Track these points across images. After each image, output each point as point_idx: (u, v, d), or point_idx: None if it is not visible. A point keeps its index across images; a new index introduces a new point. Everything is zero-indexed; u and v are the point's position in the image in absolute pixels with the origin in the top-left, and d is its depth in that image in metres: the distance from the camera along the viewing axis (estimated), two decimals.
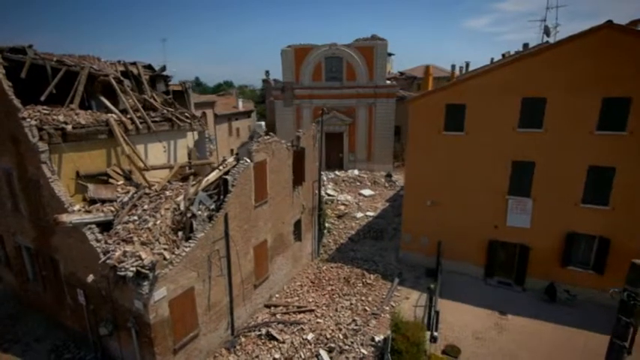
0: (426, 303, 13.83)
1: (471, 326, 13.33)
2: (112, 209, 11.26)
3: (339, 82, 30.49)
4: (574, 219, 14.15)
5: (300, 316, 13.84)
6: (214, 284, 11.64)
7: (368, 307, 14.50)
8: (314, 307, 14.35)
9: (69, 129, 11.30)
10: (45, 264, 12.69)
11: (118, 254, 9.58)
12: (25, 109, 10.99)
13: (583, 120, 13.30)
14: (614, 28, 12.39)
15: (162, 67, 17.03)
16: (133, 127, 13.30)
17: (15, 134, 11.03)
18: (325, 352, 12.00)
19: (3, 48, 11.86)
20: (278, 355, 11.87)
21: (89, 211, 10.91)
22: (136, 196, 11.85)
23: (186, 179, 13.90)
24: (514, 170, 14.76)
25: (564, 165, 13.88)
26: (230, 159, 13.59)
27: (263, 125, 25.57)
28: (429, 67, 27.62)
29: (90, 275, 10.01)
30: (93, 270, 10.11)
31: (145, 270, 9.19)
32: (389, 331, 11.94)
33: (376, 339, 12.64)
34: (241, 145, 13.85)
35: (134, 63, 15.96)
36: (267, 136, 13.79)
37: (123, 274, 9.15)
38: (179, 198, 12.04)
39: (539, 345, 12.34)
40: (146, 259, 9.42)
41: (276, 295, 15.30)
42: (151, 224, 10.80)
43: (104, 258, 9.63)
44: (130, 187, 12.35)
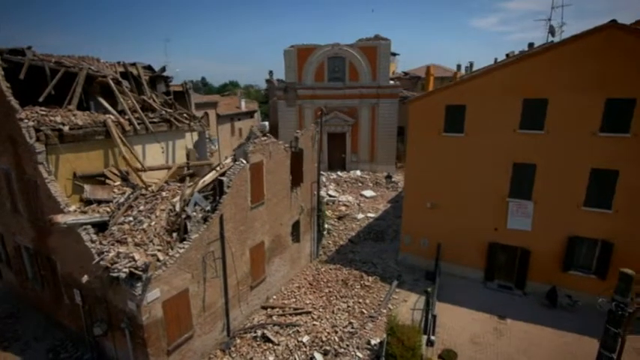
0: (424, 306, 13.68)
1: (469, 330, 13.15)
2: (108, 210, 11.31)
3: (341, 83, 30.37)
4: (576, 222, 13.87)
5: (297, 318, 13.78)
6: (209, 286, 11.61)
7: (365, 310, 14.39)
8: (311, 309, 14.28)
9: (66, 130, 11.37)
10: (43, 264, 12.80)
11: (111, 255, 9.62)
12: (24, 110, 11.07)
13: (585, 121, 13.02)
14: (617, 27, 12.10)
15: (162, 68, 17.09)
16: (130, 128, 13.34)
17: (13, 135, 11.14)
18: (320, 354, 11.92)
19: (2, 49, 12.00)
20: (272, 358, 11.82)
21: (85, 212, 10.98)
22: (132, 197, 11.89)
23: (184, 180, 13.93)
24: (515, 172, 14.52)
25: (566, 167, 13.61)
26: (227, 160, 13.57)
27: (267, 125, 25.58)
28: (430, 67, 27.31)
29: (84, 276, 10.05)
30: (88, 270, 10.14)
31: (138, 271, 9.21)
32: (385, 335, 11.82)
33: (372, 342, 12.51)
34: (238, 146, 13.81)
35: (134, 64, 16.01)
36: (265, 137, 13.72)
37: (116, 275, 9.19)
38: (175, 199, 12.06)
39: (537, 350, 12.12)
40: (139, 260, 9.45)
41: (274, 297, 15.24)
42: (146, 225, 10.83)
43: (98, 259, 9.67)
44: (127, 188, 12.39)
